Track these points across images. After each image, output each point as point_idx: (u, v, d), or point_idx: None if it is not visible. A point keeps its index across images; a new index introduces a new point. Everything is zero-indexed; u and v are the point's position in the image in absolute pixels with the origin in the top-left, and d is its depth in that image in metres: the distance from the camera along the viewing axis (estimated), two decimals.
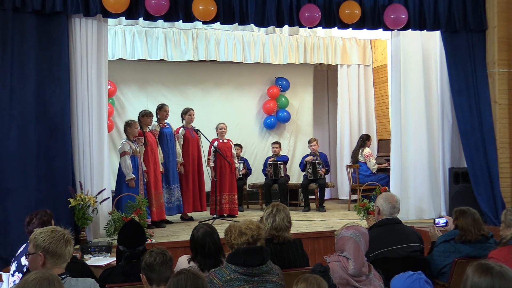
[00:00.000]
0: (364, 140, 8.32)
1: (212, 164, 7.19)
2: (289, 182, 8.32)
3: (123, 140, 6.26)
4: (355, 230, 2.90)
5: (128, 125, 6.29)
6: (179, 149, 6.90)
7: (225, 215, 7.22)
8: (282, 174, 8.01)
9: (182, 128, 7.07)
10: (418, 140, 6.71)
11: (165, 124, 6.89)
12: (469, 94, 6.48)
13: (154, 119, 6.77)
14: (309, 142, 8.16)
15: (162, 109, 6.85)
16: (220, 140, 7.39)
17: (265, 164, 8.32)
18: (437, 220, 4.33)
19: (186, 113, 7.09)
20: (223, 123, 7.51)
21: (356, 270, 2.76)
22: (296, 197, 8.42)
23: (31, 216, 3.60)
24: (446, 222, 4.29)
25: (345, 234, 2.91)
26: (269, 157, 8.33)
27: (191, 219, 7.03)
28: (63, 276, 2.51)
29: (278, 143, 8.43)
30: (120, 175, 6.13)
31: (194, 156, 7.03)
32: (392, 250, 3.50)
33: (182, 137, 6.99)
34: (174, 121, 7.24)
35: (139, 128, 6.36)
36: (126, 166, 6.05)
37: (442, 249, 3.70)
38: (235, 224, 2.95)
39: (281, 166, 8.02)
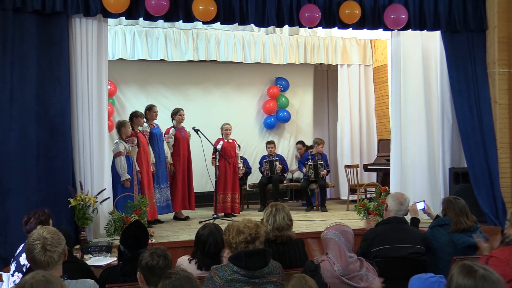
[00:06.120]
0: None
1: (217, 163, 7.22)
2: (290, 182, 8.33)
3: (116, 140, 6.24)
4: (335, 230, 2.93)
5: (123, 125, 6.29)
6: (167, 149, 6.92)
7: (231, 213, 7.29)
8: (278, 171, 8.01)
9: (172, 128, 7.10)
10: (418, 140, 6.71)
11: (154, 125, 6.92)
12: (469, 94, 6.48)
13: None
14: (318, 143, 7.98)
15: (151, 110, 6.88)
16: (225, 140, 7.45)
17: (260, 163, 8.29)
18: (417, 203, 4.51)
19: (177, 113, 7.13)
20: (228, 124, 7.54)
21: (341, 270, 2.78)
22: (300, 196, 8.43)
23: (29, 215, 3.59)
24: (424, 208, 4.56)
25: (326, 235, 2.95)
26: (264, 156, 8.29)
27: (187, 218, 7.06)
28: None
29: (273, 142, 8.40)
30: (114, 175, 6.04)
31: (184, 156, 7.09)
32: (393, 248, 3.52)
33: (173, 137, 7.02)
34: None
35: (131, 128, 6.37)
36: (121, 167, 6.03)
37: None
38: (233, 223, 2.92)
39: (277, 163, 8.02)
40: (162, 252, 2.59)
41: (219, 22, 5.92)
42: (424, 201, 4.66)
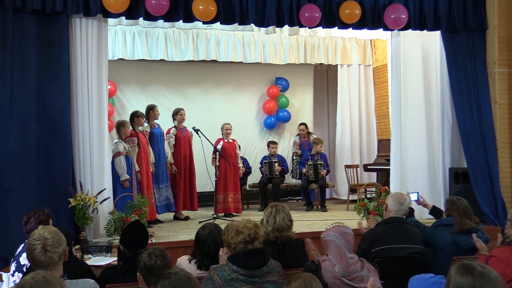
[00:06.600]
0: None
1: (217, 163, 7.22)
2: (290, 182, 8.32)
3: (116, 140, 6.22)
4: (335, 232, 2.93)
5: (122, 125, 6.28)
6: (168, 149, 6.92)
7: (231, 214, 7.28)
8: (277, 173, 8.02)
9: (174, 128, 7.10)
10: (418, 140, 6.71)
11: (155, 125, 6.92)
12: (469, 94, 6.48)
13: None
14: (316, 143, 7.99)
15: (154, 109, 6.88)
16: (226, 140, 7.45)
17: (261, 163, 8.29)
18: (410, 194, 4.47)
19: (177, 113, 7.13)
20: (229, 124, 7.54)
21: (342, 271, 2.78)
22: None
23: (29, 215, 3.58)
24: (418, 200, 4.55)
25: (326, 237, 2.95)
26: (265, 157, 8.29)
27: (187, 218, 7.06)
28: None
29: (276, 142, 8.41)
30: (113, 175, 6.02)
31: (186, 156, 7.09)
32: (393, 248, 3.52)
33: (174, 137, 7.02)
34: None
35: (131, 128, 6.37)
36: (121, 167, 6.02)
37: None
38: (232, 223, 2.93)
39: (275, 164, 8.01)
40: (160, 252, 2.58)
41: (219, 22, 5.93)
42: (418, 192, 4.63)
